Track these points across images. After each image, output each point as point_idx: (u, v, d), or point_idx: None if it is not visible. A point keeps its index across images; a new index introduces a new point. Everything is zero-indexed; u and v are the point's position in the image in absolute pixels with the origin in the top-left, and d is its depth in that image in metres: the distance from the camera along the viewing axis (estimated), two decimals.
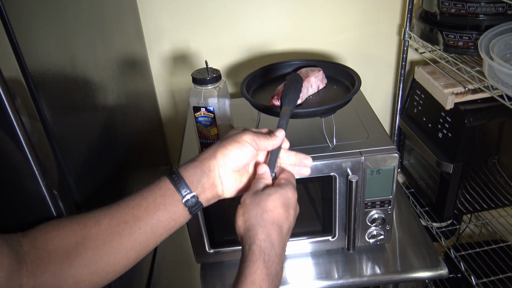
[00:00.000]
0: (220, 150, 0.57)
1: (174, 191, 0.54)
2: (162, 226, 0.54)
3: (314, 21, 1.20)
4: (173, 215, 0.55)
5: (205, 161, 0.56)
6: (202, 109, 0.81)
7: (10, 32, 0.48)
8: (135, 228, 0.52)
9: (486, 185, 1.13)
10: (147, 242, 0.54)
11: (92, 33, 0.76)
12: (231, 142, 0.57)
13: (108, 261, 0.51)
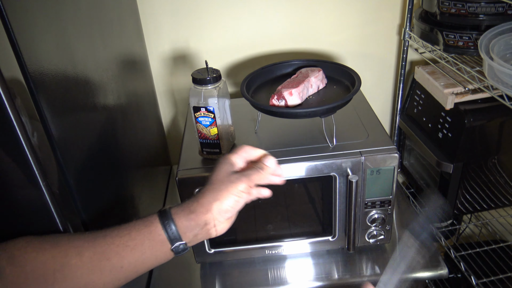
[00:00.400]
0: (216, 204, 0.57)
1: (165, 239, 0.54)
2: (145, 266, 0.55)
3: (314, 21, 1.20)
4: (158, 257, 0.55)
5: (201, 215, 0.56)
6: (202, 109, 0.81)
7: (10, 32, 0.48)
8: (117, 266, 0.52)
9: (486, 185, 1.13)
10: (126, 278, 0.54)
11: (92, 33, 0.76)
12: (226, 195, 0.57)
13: (95, 281, 0.51)
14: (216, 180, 0.60)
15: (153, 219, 0.55)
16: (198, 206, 0.57)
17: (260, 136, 0.94)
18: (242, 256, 0.96)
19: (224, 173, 0.60)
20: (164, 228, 0.54)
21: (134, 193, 0.91)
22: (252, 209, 0.91)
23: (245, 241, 0.94)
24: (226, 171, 0.60)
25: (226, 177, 0.59)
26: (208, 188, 0.59)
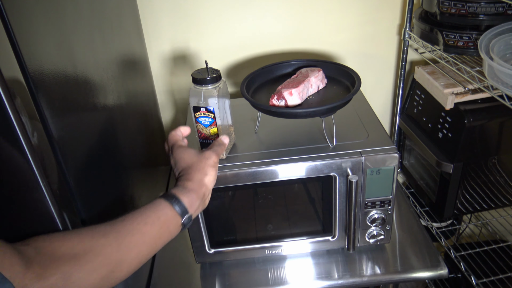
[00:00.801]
0: (207, 178, 0.69)
1: (176, 214, 0.63)
2: (162, 241, 0.63)
3: (314, 21, 1.20)
4: (172, 231, 0.64)
5: (199, 190, 0.67)
6: (202, 109, 0.81)
7: (10, 32, 0.48)
8: (140, 242, 0.58)
9: (486, 185, 1.13)
10: (149, 254, 0.61)
11: (92, 33, 0.76)
12: (210, 169, 0.70)
13: (115, 269, 0.55)
14: (191, 163, 0.69)
15: (160, 201, 0.62)
16: (194, 184, 0.67)
17: (260, 136, 0.94)
18: (242, 256, 0.96)
19: (193, 155, 0.71)
20: (173, 205, 0.62)
21: (134, 193, 0.91)
22: (252, 209, 0.91)
23: (245, 241, 0.94)
24: (192, 154, 0.71)
25: (198, 157, 0.71)
26: (190, 171, 0.68)
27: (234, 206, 0.92)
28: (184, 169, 0.69)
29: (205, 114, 0.81)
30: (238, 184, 0.84)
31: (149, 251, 0.60)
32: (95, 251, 0.53)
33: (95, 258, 0.52)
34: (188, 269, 0.98)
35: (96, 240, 0.54)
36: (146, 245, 0.59)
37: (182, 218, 0.63)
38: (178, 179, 0.68)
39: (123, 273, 0.57)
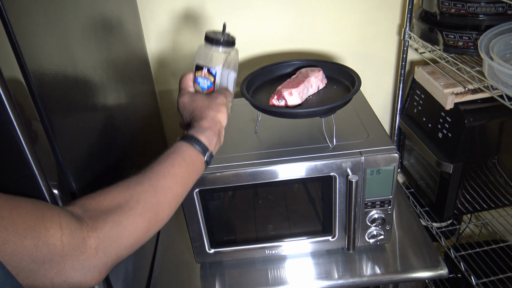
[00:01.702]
0: (220, 116, 0.71)
1: (198, 152, 0.65)
2: (192, 180, 0.66)
3: (314, 21, 1.20)
4: (198, 169, 0.66)
5: (214, 128, 0.69)
6: (204, 69, 0.75)
7: (10, 32, 0.48)
8: (173, 183, 0.61)
9: (486, 185, 1.13)
10: (182, 194, 0.63)
11: (92, 33, 0.76)
12: (221, 107, 0.71)
13: (157, 211, 0.58)
14: (202, 104, 0.71)
15: (181, 144, 0.65)
16: (208, 122, 0.69)
17: (260, 136, 0.94)
18: (242, 256, 0.96)
19: (203, 98, 0.73)
20: (193, 145, 0.65)
21: None
22: (252, 209, 0.91)
23: (245, 241, 0.94)
24: (202, 96, 0.73)
25: (208, 98, 0.72)
26: (202, 111, 0.70)
27: (234, 206, 0.92)
28: (196, 110, 0.71)
29: (205, 76, 0.76)
30: (238, 184, 0.84)
31: (182, 190, 0.63)
32: (135, 198, 0.55)
33: (137, 204, 0.55)
34: (188, 269, 0.98)
35: (133, 189, 0.57)
36: (179, 185, 0.62)
37: (204, 156, 0.66)
38: (192, 121, 0.70)
39: (165, 214, 0.60)
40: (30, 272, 0.43)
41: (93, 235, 0.50)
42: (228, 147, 0.91)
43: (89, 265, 0.49)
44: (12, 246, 0.41)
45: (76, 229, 0.48)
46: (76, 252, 0.47)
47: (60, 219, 0.46)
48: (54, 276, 0.46)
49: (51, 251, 0.44)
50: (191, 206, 0.86)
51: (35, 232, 0.43)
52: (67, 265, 0.46)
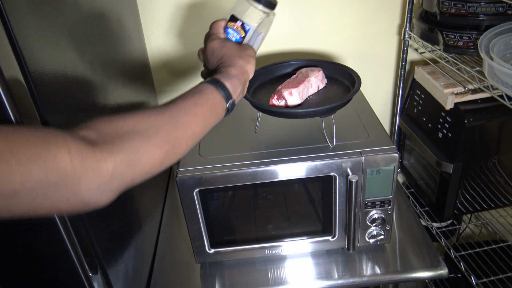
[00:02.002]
0: (249, 67, 0.73)
1: (221, 98, 0.65)
2: (211, 122, 0.64)
3: (314, 21, 1.20)
4: (218, 114, 0.65)
5: (241, 77, 0.70)
6: (239, 23, 0.75)
7: (10, 32, 0.48)
8: (193, 122, 0.60)
9: (486, 185, 1.13)
10: (201, 133, 0.62)
11: (92, 32, 0.76)
12: (250, 58, 0.74)
13: (174, 145, 0.57)
14: (233, 51, 0.72)
15: (207, 86, 0.64)
16: (236, 71, 0.69)
17: (260, 136, 0.94)
18: (242, 256, 0.96)
19: (234, 45, 0.74)
20: (218, 90, 0.65)
21: (134, 193, 0.91)
22: (252, 209, 0.91)
23: (245, 241, 0.94)
24: (233, 44, 0.74)
25: (239, 48, 0.74)
26: (232, 58, 0.71)
27: (234, 206, 0.92)
28: (225, 56, 0.71)
29: (237, 29, 0.75)
30: (238, 184, 0.84)
31: (201, 130, 0.62)
32: (155, 128, 0.54)
33: (156, 134, 0.54)
34: (188, 269, 0.98)
35: (154, 119, 0.56)
36: (199, 125, 0.61)
37: (227, 103, 0.66)
38: (220, 67, 0.70)
39: (182, 149, 0.59)
40: (46, 196, 0.43)
41: (109, 159, 0.48)
42: (228, 147, 0.91)
43: (105, 187, 0.49)
44: (19, 176, 0.40)
45: (87, 152, 0.46)
46: (91, 175, 0.46)
47: (67, 144, 0.45)
48: (71, 197, 0.46)
49: (63, 175, 0.44)
50: (191, 206, 0.86)
51: (40, 159, 0.42)
52: (83, 187, 0.46)
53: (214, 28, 0.76)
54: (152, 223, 1.05)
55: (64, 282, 0.66)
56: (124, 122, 0.53)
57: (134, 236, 0.88)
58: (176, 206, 1.18)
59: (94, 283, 0.67)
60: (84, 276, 0.65)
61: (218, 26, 0.76)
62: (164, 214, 1.16)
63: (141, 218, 0.96)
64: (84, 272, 0.65)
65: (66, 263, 0.63)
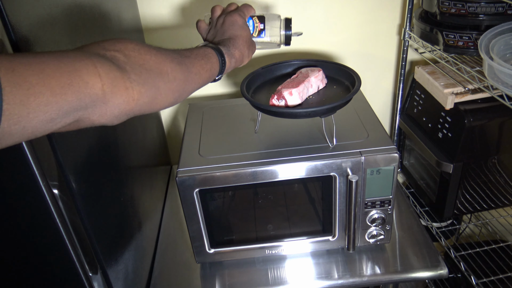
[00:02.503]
0: (246, 61, 0.78)
1: (217, 71, 0.70)
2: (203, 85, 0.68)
3: (314, 21, 1.20)
4: (208, 81, 0.70)
5: (239, 63, 0.76)
6: (261, 26, 0.83)
7: (10, 32, 0.48)
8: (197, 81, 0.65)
9: (486, 185, 1.13)
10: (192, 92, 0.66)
11: (92, 32, 0.76)
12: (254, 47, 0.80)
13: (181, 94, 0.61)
14: (248, 39, 0.78)
15: (213, 55, 0.69)
16: (239, 56, 0.75)
17: (260, 136, 0.94)
18: (242, 256, 0.96)
19: (250, 34, 0.80)
20: (220, 63, 0.70)
21: (134, 193, 0.91)
22: (252, 209, 0.91)
23: (245, 241, 0.94)
24: (247, 29, 0.79)
25: (251, 39, 0.80)
26: (244, 43, 0.76)
27: (234, 206, 0.92)
28: (240, 38, 0.76)
29: (255, 28, 0.83)
30: (238, 184, 0.84)
31: (196, 89, 0.66)
32: (173, 75, 0.58)
33: (174, 81, 0.58)
34: (188, 269, 0.98)
35: (175, 66, 0.59)
36: (198, 85, 0.66)
37: (217, 76, 0.71)
38: (230, 42, 0.74)
39: (180, 100, 0.63)
40: (75, 116, 0.45)
41: (136, 88, 0.51)
42: (228, 147, 0.91)
43: (126, 112, 0.51)
44: (55, 105, 0.42)
45: (117, 77, 0.48)
46: (119, 100, 0.49)
47: (97, 69, 0.46)
48: (96, 118, 0.48)
49: (94, 99, 0.46)
50: (191, 206, 0.86)
51: (73, 87, 0.43)
52: (109, 110, 0.48)
53: (245, 8, 0.81)
54: (152, 223, 1.05)
55: (64, 282, 0.66)
56: (151, 57, 0.55)
57: (134, 236, 0.88)
58: (176, 206, 1.18)
59: (94, 283, 0.67)
60: (84, 276, 0.65)
61: (249, 9, 0.82)
62: (164, 214, 1.16)
63: (141, 218, 0.96)
64: (84, 272, 0.65)
65: (66, 263, 0.63)
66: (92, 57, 0.47)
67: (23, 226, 0.59)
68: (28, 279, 0.64)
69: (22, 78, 0.39)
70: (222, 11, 0.82)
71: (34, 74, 0.40)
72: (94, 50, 0.49)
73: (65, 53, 0.46)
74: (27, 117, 0.40)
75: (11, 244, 0.61)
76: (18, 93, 0.38)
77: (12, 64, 0.39)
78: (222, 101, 1.15)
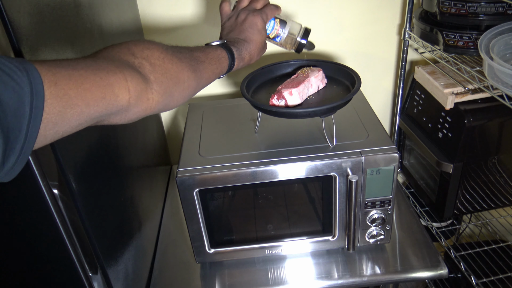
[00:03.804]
0: (254, 60, 0.79)
1: (224, 71, 0.72)
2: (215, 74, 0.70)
3: (314, 21, 1.20)
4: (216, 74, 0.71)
5: (245, 64, 0.77)
6: (279, 30, 0.84)
7: (10, 32, 0.48)
8: (205, 85, 0.68)
9: (486, 185, 1.13)
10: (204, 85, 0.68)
11: (92, 32, 0.76)
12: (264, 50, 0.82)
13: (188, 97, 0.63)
14: (262, 42, 0.79)
15: (225, 58, 0.71)
16: (248, 60, 0.77)
17: (260, 136, 0.94)
18: (242, 256, 0.96)
19: (264, 39, 0.80)
20: (229, 65, 0.72)
21: (134, 193, 0.91)
22: (252, 209, 0.91)
23: (245, 241, 0.94)
24: (264, 34, 0.80)
25: (264, 43, 0.81)
26: (256, 47, 0.78)
27: (234, 206, 0.92)
28: (255, 42, 0.77)
29: (274, 29, 0.84)
30: (238, 184, 0.84)
31: (205, 82, 0.68)
32: (187, 83, 0.61)
33: (187, 89, 0.62)
34: (188, 269, 0.98)
35: (190, 75, 0.62)
36: (203, 87, 0.68)
37: (221, 76, 0.73)
38: (243, 44, 0.75)
39: (188, 99, 0.65)
40: (98, 120, 0.49)
41: (156, 99, 0.55)
42: (228, 147, 0.91)
43: (140, 116, 0.55)
44: (87, 115, 0.46)
45: (142, 90, 0.52)
46: (139, 109, 0.53)
47: (127, 84, 0.50)
48: (114, 121, 0.53)
49: (120, 109, 0.50)
50: (191, 206, 0.86)
51: (105, 100, 0.47)
52: (128, 116, 0.53)
53: (271, 10, 0.82)
54: (152, 223, 1.05)
55: (64, 282, 0.66)
56: (172, 66, 0.58)
57: (134, 236, 0.88)
58: (176, 206, 1.18)
59: (94, 283, 0.67)
60: (84, 276, 0.65)
61: (275, 11, 0.83)
62: (164, 214, 1.16)
63: (141, 218, 0.96)
64: (84, 272, 0.65)
65: (66, 263, 0.63)
66: (124, 69, 0.51)
67: (23, 226, 0.59)
68: (28, 279, 0.64)
69: (63, 91, 0.42)
70: (249, 3, 0.82)
71: (73, 88, 0.44)
72: (125, 57, 0.53)
73: (100, 65, 0.49)
74: (62, 124, 0.43)
75: (11, 244, 0.61)
76: (57, 105, 0.42)
77: (55, 78, 0.42)
78: (222, 101, 1.15)
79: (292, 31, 0.85)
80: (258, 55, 0.79)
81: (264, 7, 0.82)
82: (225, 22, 0.82)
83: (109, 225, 0.74)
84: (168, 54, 0.59)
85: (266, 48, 0.83)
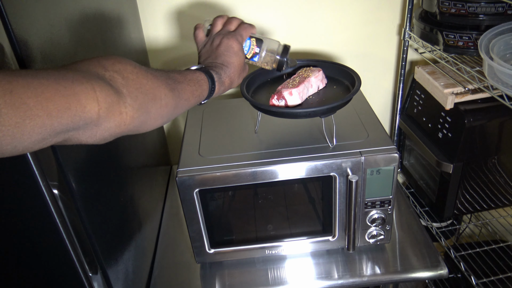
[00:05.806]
0: (233, 87, 0.77)
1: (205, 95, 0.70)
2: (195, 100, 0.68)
3: (314, 21, 1.20)
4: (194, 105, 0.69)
5: (228, 87, 0.75)
6: (257, 50, 0.81)
7: (10, 31, 0.48)
8: (185, 106, 0.66)
9: (486, 185, 1.13)
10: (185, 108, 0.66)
11: (92, 32, 0.76)
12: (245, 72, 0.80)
13: (167, 119, 0.62)
14: (240, 66, 0.77)
15: (205, 81, 0.69)
16: (229, 84, 0.75)
17: (260, 136, 0.94)
18: (242, 256, 0.96)
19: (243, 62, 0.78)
20: (209, 90, 0.70)
21: (134, 193, 0.91)
22: (252, 209, 0.91)
23: (245, 241, 0.94)
24: (244, 60, 0.79)
25: (243, 66, 0.78)
26: (235, 71, 0.76)
27: (234, 206, 0.92)
28: (233, 66, 0.75)
29: (251, 50, 0.81)
30: (238, 184, 0.84)
31: (181, 113, 0.67)
32: (165, 101, 0.58)
33: (164, 107, 0.58)
34: (188, 269, 0.98)
35: (167, 93, 0.59)
36: (184, 110, 0.66)
37: (204, 101, 0.71)
38: (223, 68, 0.74)
39: (165, 123, 0.64)
40: (65, 136, 0.45)
41: (130, 113, 0.51)
42: (228, 147, 0.91)
43: (115, 134, 0.51)
44: (49, 127, 0.42)
45: (113, 102, 0.48)
46: (111, 124, 0.49)
47: (96, 94, 0.46)
48: (84, 138, 0.48)
49: (88, 122, 0.46)
50: (191, 206, 0.86)
51: (70, 111, 0.43)
52: (99, 132, 0.49)
53: (245, 30, 0.79)
54: (152, 223, 1.05)
55: (64, 282, 0.66)
56: (147, 82, 0.55)
57: (134, 236, 0.88)
58: (176, 206, 1.18)
59: (94, 283, 0.67)
60: (84, 276, 0.65)
61: (249, 30, 0.80)
62: (164, 214, 1.16)
63: (141, 218, 0.96)
64: (84, 272, 0.65)
65: (66, 263, 0.63)
66: (91, 80, 0.47)
67: (23, 226, 0.59)
68: (28, 279, 0.64)
69: (20, 100, 0.38)
70: (223, 26, 0.80)
71: (32, 97, 0.40)
72: (94, 69, 0.49)
73: (65, 74, 0.45)
74: (21, 139, 0.39)
75: (11, 244, 0.61)
76: (14, 115, 0.38)
77: (11, 86, 0.38)
78: (222, 101, 1.15)
79: (270, 49, 0.82)
80: (239, 77, 0.77)
81: (238, 27, 0.79)
82: (201, 49, 0.79)
83: (109, 225, 0.74)
84: (142, 69, 0.56)
85: (247, 70, 0.81)
